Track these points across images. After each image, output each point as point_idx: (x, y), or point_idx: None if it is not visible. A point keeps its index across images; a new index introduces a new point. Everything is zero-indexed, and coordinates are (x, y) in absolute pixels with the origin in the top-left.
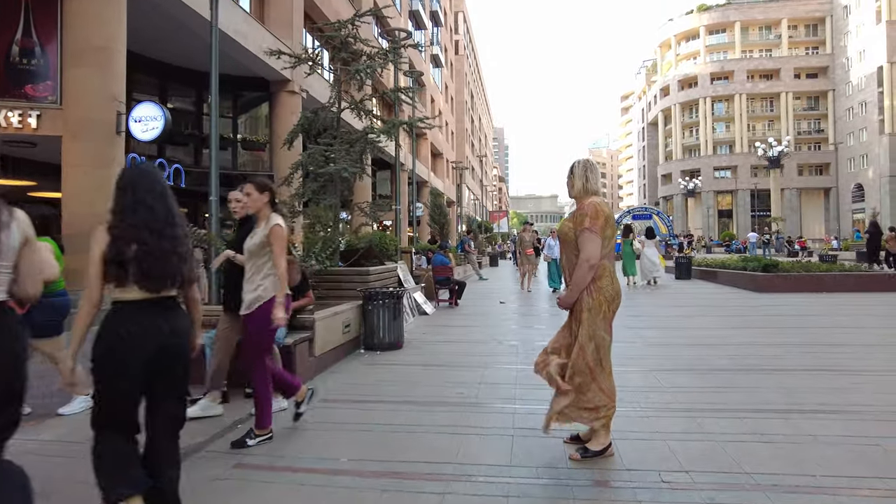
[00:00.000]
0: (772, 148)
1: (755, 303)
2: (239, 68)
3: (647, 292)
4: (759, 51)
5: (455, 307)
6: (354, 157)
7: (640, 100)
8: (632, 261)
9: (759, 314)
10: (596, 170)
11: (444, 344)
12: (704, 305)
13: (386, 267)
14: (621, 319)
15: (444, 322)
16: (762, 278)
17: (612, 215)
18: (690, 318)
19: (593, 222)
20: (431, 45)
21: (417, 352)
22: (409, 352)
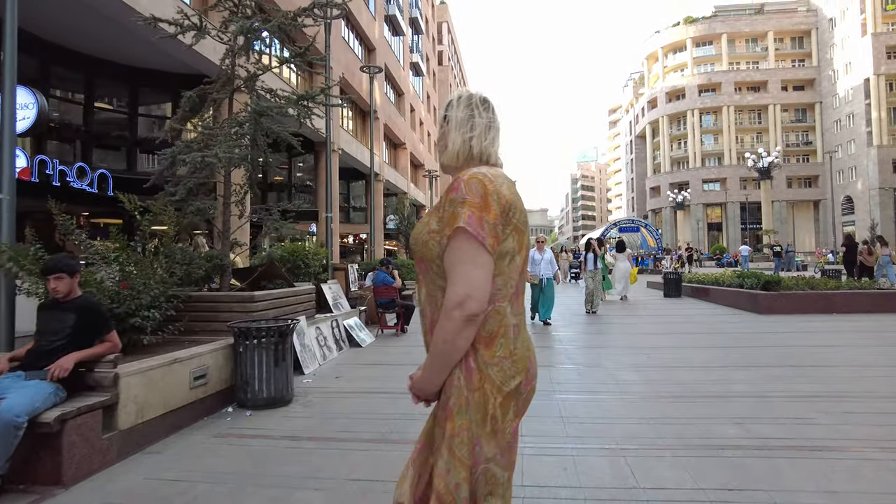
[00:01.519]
0: (762, 159)
1: (757, 328)
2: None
3: (624, 311)
4: (746, 63)
5: (401, 334)
6: (241, 140)
7: (627, 112)
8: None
9: (765, 344)
10: (492, 112)
11: (354, 397)
12: (697, 333)
13: (294, 290)
14: (591, 352)
15: (375, 358)
16: (763, 298)
17: (519, 201)
18: (680, 349)
19: (475, 218)
20: (412, 52)
21: (308, 411)
22: (297, 411)
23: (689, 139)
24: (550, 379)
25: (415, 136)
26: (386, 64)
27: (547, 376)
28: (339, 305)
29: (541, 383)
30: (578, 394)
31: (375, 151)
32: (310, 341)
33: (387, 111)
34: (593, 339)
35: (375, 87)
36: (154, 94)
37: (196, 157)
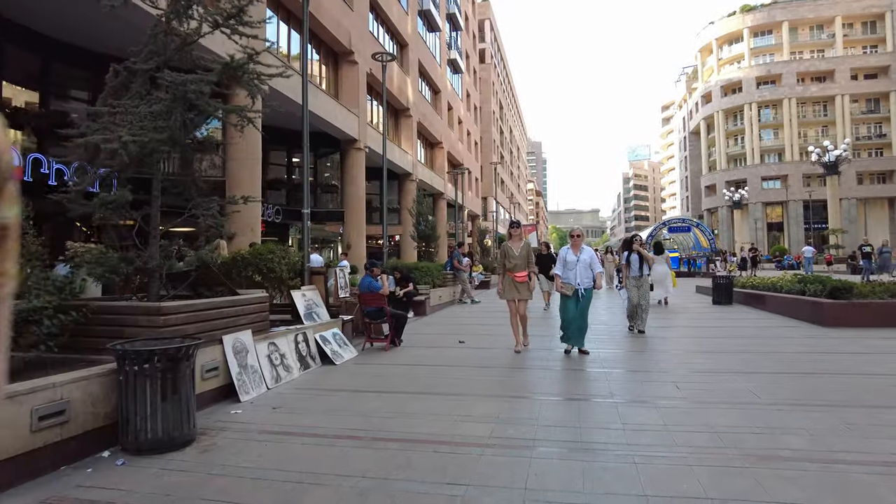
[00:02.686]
0: (828, 153)
1: (821, 346)
2: None
3: (661, 319)
4: (811, 52)
5: (391, 349)
6: (157, 121)
7: (680, 108)
8: None
9: (832, 370)
10: None
11: (278, 440)
12: (744, 352)
13: (233, 299)
14: (602, 376)
15: (342, 381)
16: (829, 307)
17: None
18: (719, 375)
19: None
20: (449, 49)
21: (198, 462)
22: (184, 460)
23: (746, 135)
24: (531, 413)
25: (452, 135)
26: (420, 60)
27: (528, 408)
28: (315, 315)
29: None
30: (559, 446)
31: (408, 150)
32: (255, 361)
33: (421, 109)
34: (612, 357)
35: (405, 81)
36: None
37: (92, 141)
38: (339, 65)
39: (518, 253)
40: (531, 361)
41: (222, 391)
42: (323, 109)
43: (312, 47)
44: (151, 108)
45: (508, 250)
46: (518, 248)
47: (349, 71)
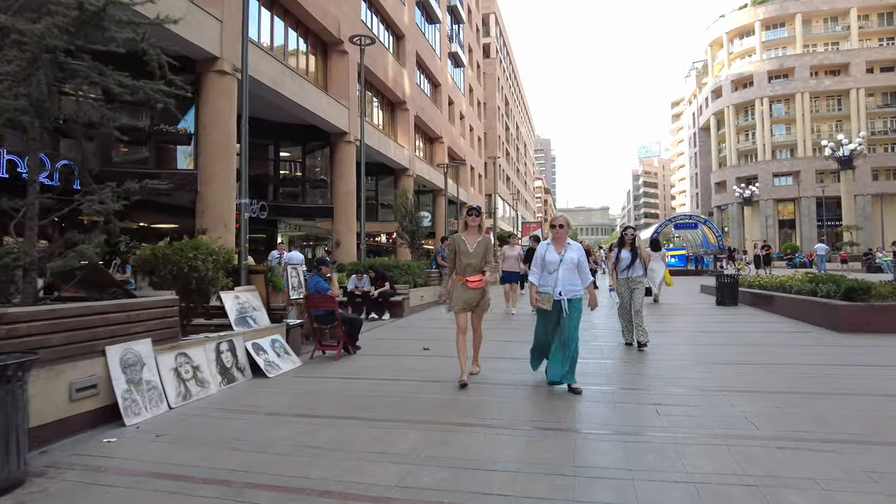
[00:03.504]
0: (842, 147)
1: (835, 357)
2: None
3: (655, 321)
4: (825, 44)
5: (342, 357)
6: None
7: (690, 104)
8: None
9: (847, 390)
10: None
11: (130, 488)
12: (745, 363)
13: (123, 303)
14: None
15: (262, 400)
16: (844, 311)
17: None
18: (713, 395)
19: None
20: (450, 42)
21: None
22: None
23: (757, 130)
24: (464, 450)
25: (454, 129)
26: (418, 52)
27: (462, 442)
28: (251, 320)
29: (436, 467)
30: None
31: (404, 144)
32: (155, 375)
33: (418, 102)
34: (587, 369)
35: (401, 73)
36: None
37: None
38: (329, 55)
39: (473, 249)
40: (493, 375)
41: (104, 413)
42: (310, 101)
43: (299, 35)
44: (5, 68)
45: (460, 244)
46: (473, 244)
47: (339, 61)
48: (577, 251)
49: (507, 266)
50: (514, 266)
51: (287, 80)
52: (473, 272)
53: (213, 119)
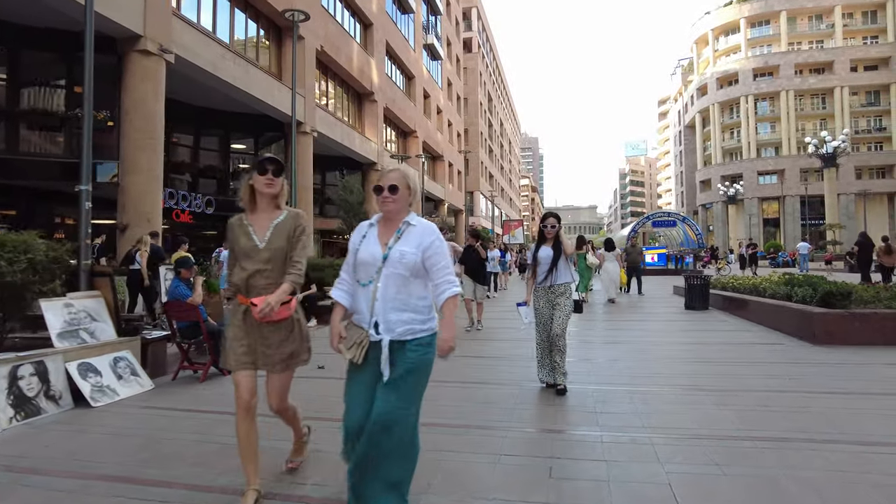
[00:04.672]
0: (825, 144)
1: (808, 379)
2: None
3: (608, 329)
4: (809, 42)
5: (212, 377)
6: None
7: (676, 101)
8: (586, 276)
9: (823, 431)
10: None
11: None
12: (698, 389)
13: None
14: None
15: (36, 448)
16: (821, 319)
17: None
18: (635, 448)
19: None
20: (426, 33)
21: None
22: None
23: (742, 128)
24: None
25: (429, 124)
26: (388, 42)
27: None
28: (85, 334)
29: None
30: None
31: (371, 137)
32: None
33: (389, 94)
34: (462, 409)
35: (367, 62)
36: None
37: None
38: (283, 40)
39: (264, 242)
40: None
41: None
42: (258, 88)
43: (248, 18)
44: None
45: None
46: (266, 232)
47: None
48: (424, 235)
49: None
50: None
51: (229, 64)
52: (262, 287)
53: (136, 104)
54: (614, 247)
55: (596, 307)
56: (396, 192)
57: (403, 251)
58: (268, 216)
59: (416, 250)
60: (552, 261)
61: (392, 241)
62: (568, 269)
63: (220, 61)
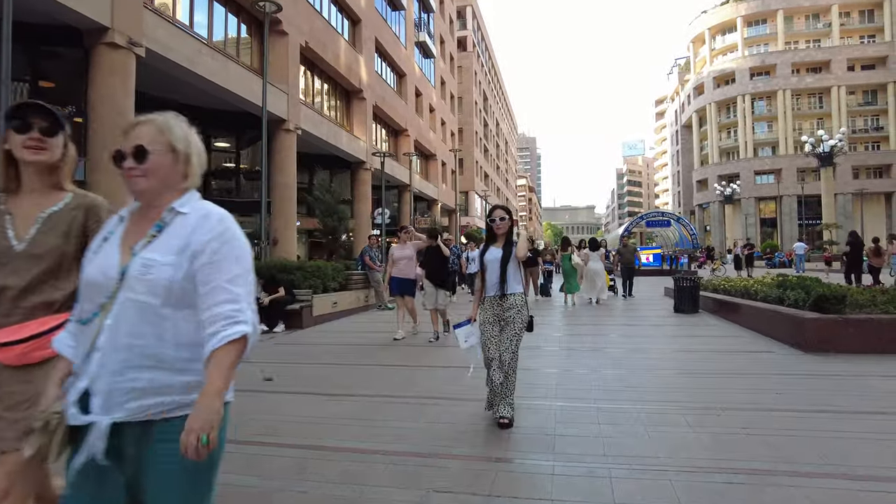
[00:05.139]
0: (822, 143)
1: (798, 394)
2: None
3: (589, 335)
4: (806, 41)
5: None
6: None
7: (672, 101)
8: (573, 277)
9: (813, 461)
10: None
11: None
12: (674, 406)
13: None
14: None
15: None
16: (813, 325)
17: None
18: (590, 481)
19: None
20: (418, 30)
21: None
22: None
23: (739, 127)
24: None
25: (421, 122)
26: (378, 38)
27: None
28: None
29: None
30: None
31: (360, 135)
32: None
33: (378, 91)
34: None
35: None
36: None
37: None
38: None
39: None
40: (286, 429)
41: None
42: (238, 84)
43: (229, 12)
44: None
45: None
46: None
47: (277, 42)
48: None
49: (398, 271)
50: (406, 271)
51: (206, 59)
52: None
53: (104, 99)
54: (598, 246)
55: (580, 309)
56: (146, 160)
57: (149, 261)
58: (37, 200)
59: (177, 259)
60: (502, 264)
61: (141, 244)
62: (518, 275)
63: (197, 56)
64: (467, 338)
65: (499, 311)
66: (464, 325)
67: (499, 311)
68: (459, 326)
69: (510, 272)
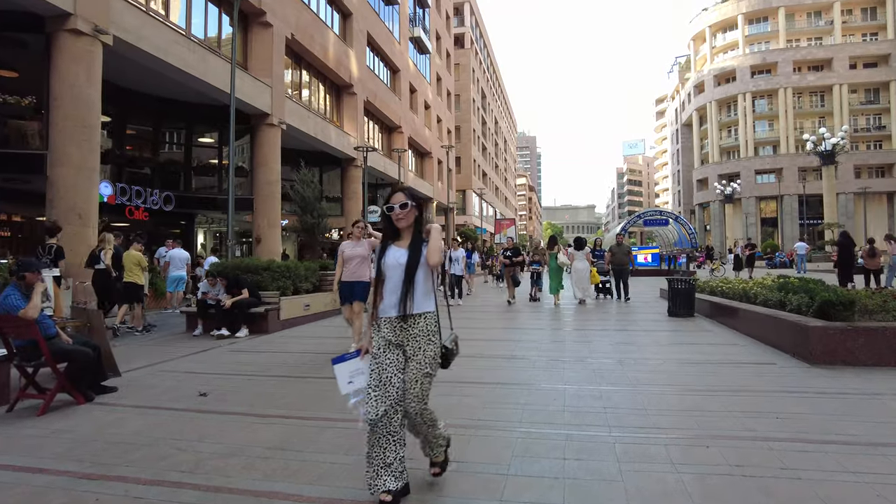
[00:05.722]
0: (825, 141)
1: (803, 417)
2: None
3: (577, 338)
4: (808, 39)
5: (54, 410)
6: None
7: (673, 100)
8: (558, 276)
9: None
10: None
11: None
12: (657, 432)
13: None
14: None
15: None
16: (819, 334)
17: None
18: None
19: None
20: (413, 25)
21: None
22: None
23: (739, 126)
24: None
25: (416, 119)
26: (370, 33)
27: None
28: None
29: None
30: None
31: (350, 131)
32: None
33: (370, 86)
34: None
35: (346, 53)
36: None
37: None
38: (249, 26)
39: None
40: (205, 461)
41: None
42: (217, 76)
43: (210, 2)
44: None
45: None
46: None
47: (261, 34)
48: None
49: (349, 273)
50: (359, 272)
51: (182, 50)
52: None
53: (66, 89)
54: (584, 246)
55: (566, 312)
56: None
57: None
58: None
59: None
60: (406, 270)
61: None
62: (429, 286)
63: (172, 47)
64: (352, 378)
65: (401, 335)
66: (347, 359)
67: (401, 335)
68: (340, 360)
69: (418, 283)
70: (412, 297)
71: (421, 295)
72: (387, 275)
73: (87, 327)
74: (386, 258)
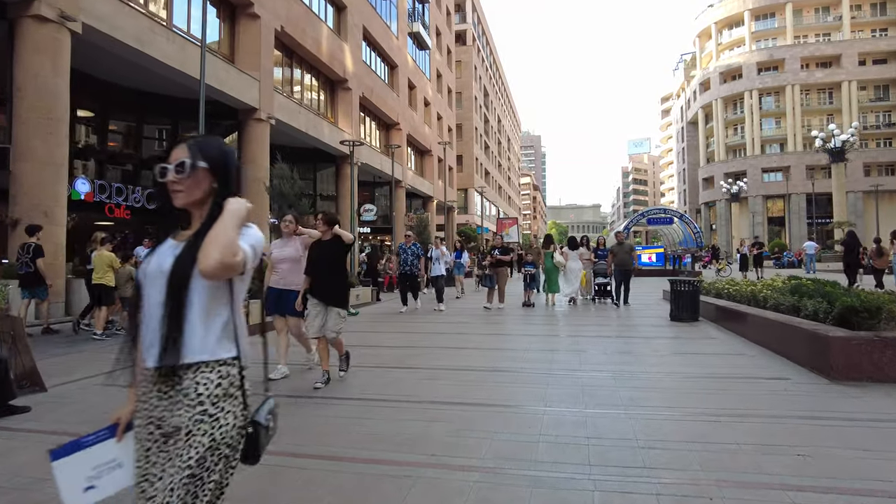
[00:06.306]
0: (834, 138)
1: (834, 456)
2: None
3: (569, 345)
4: (816, 35)
5: None
6: None
7: (678, 98)
8: (554, 276)
9: None
10: None
11: None
12: (652, 472)
13: None
14: None
15: None
16: (840, 346)
17: None
18: None
19: None
20: (412, 21)
21: None
22: None
23: (746, 124)
24: None
25: (415, 116)
26: (366, 27)
27: None
28: None
29: None
30: None
31: (345, 127)
32: None
33: (366, 82)
34: None
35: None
36: None
37: None
38: (237, 17)
39: None
40: None
41: None
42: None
43: None
44: None
45: None
46: None
47: (249, 26)
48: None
49: (278, 278)
50: (289, 279)
51: (160, 40)
52: None
53: (29, 79)
54: (577, 245)
55: (561, 315)
56: None
57: None
58: None
59: None
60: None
61: None
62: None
63: (148, 35)
64: (92, 480)
65: (160, 406)
66: (85, 447)
67: (160, 406)
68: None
69: (193, 307)
70: (180, 333)
71: (200, 328)
72: (144, 293)
73: (9, 336)
74: (148, 264)
